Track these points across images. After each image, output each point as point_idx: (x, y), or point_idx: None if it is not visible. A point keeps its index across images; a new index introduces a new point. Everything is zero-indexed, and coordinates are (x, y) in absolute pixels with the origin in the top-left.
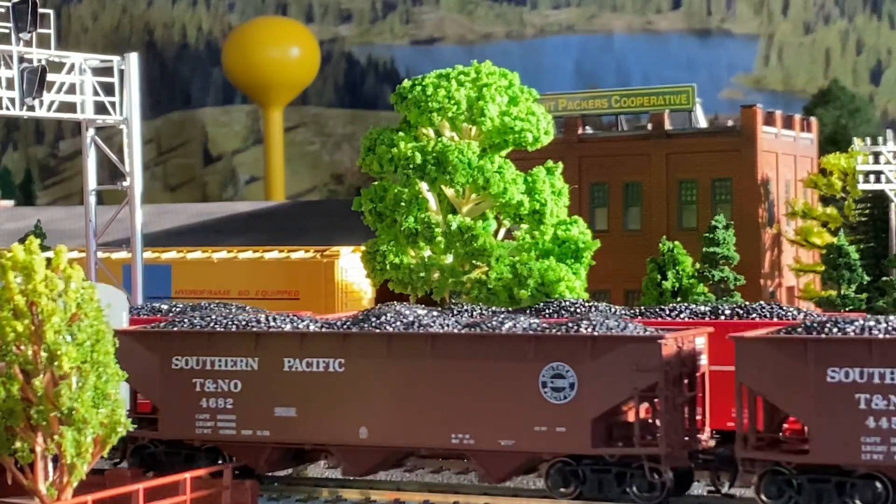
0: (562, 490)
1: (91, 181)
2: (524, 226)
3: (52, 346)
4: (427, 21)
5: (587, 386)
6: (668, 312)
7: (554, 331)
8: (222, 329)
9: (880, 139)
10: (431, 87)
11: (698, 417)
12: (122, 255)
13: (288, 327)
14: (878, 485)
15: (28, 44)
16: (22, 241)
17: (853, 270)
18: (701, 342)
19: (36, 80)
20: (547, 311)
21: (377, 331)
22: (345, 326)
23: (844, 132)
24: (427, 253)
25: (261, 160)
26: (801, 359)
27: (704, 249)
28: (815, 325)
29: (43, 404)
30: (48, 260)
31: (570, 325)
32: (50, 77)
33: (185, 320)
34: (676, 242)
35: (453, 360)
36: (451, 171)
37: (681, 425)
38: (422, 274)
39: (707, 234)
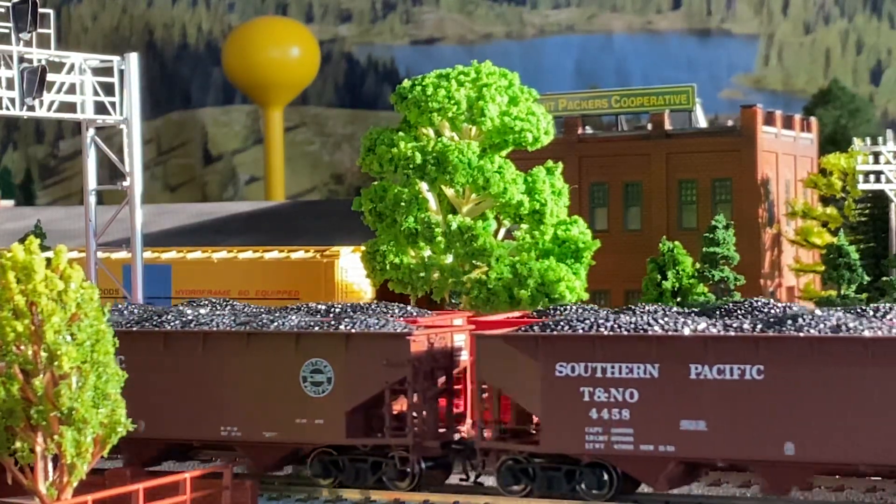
0: (320, 481)
1: (91, 181)
2: (524, 226)
3: (52, 346)
4: (427, 21)
5: (343, 380)
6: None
7: (315, 328)
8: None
9: (880, 139)
10: (431, 87)
11: (458, 410)
12: (122, 255)
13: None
14: (604, 472)
15: (28, 44)
16: (22, 241)
17: (853, 270)
18: (460, 339)
19: (36, 80)
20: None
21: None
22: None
23: (844, 132)
24: (427, 253)
25: (261, 160)
26: (533, 354)
27: (704, 249)
28: (548, 323)
29: (43, 404)
30: (48, 260)
31: (330, 322)
32: (50, 77)
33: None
34: (676, 242)
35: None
36: (451, 171)
37: (433, 417)
38: (422, 274)
39: (707, 234)
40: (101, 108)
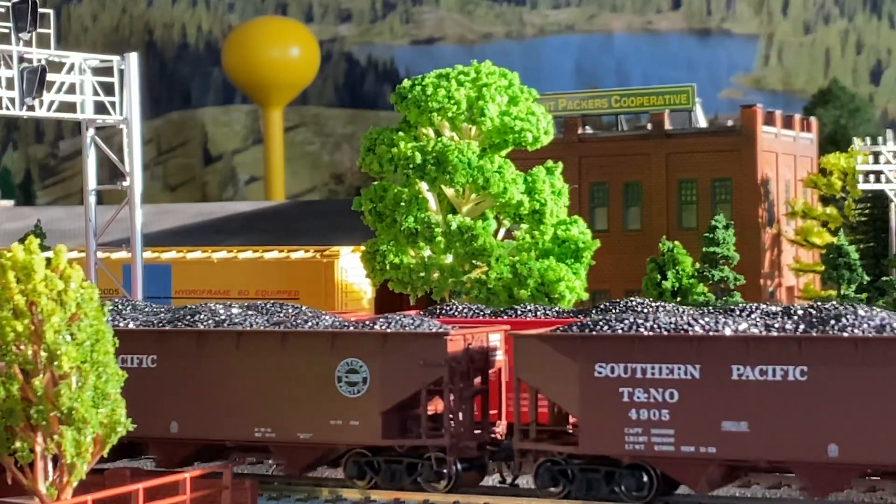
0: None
1: (91, 181)
2: (524, 226)
3: (52, 345)
4: (427, 21)
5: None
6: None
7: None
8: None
9: (880, 139)
10: (431, 87)
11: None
12: (122, 255)
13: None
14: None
15: (28, 44)
16: (22, 241)
17: (853, 270)
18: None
19: (36, 80)
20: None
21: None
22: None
23: (844, 132)
24: (427, 253)
25: (261, 160)
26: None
27: (704, 249)
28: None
29: (43, 404)
30: (48, 260)
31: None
32: (50, 77)
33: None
34: (676, 242)
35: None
36: (451, 171)
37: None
38: (422, 274)
39: (707, 234)
40: (101, 108)
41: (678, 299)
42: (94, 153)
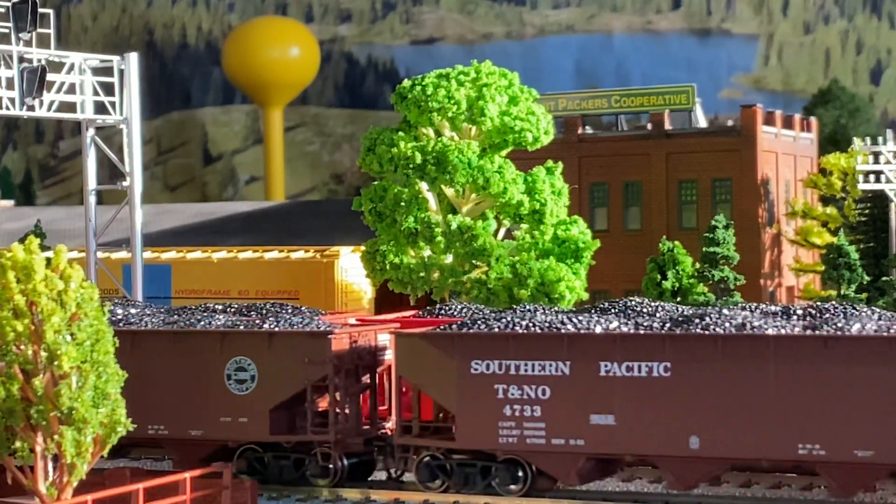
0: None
1: (91, 181)
2: (524, 226)
3: (52, 345)
4: (427, 21)
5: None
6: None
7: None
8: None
9: (880, 139)
10: (431, 87)
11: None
12: (122, 255)
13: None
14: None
15: (28, 44)
16: (22, 241)
17: (853, 270)
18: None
19: (36, 80)
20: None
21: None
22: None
23: (844, 132)
24: (427, 253)
25: (261, 160)
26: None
27: (704, 249)
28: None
29: (43, 404)
30: (48, 260)
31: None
32: (50, 77)
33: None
34: (676, 242)
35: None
36: (451, 171)
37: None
38: (422, 274)
39: (707, 234)
40: (101, 108)
41: (678, 299)
42: (94, 153)
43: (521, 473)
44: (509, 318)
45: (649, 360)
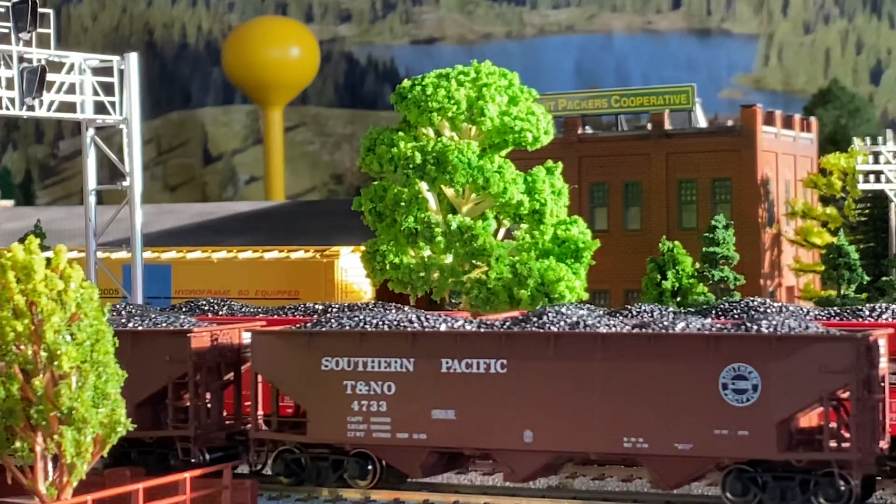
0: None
1: (91, 181)
2: (524, 226)
3: (52, 345)
4: (427, 21)
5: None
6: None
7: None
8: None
9: (880, 139)
10: (431, 87)
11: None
12: (122, 255)
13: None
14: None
15: (28, 44)
16: (22, 240)
17: (853, 270)
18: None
19: (36, 80)
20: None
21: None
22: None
23: (844, 132)
24: (427, 253)
25: (261, 160)
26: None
27: (704, 249)
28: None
29: (43, 404)
30: (48, 260)
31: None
32: (50, 77)
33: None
34: (676, 242)
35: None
36: (450, 171)
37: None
38: (421, 274)
39: (707, 234)
40: (100, 108)
41: (678, 299)
42: (94, 153)
43: (370, 467)
44: (361, 317)
45: (487, 357)
